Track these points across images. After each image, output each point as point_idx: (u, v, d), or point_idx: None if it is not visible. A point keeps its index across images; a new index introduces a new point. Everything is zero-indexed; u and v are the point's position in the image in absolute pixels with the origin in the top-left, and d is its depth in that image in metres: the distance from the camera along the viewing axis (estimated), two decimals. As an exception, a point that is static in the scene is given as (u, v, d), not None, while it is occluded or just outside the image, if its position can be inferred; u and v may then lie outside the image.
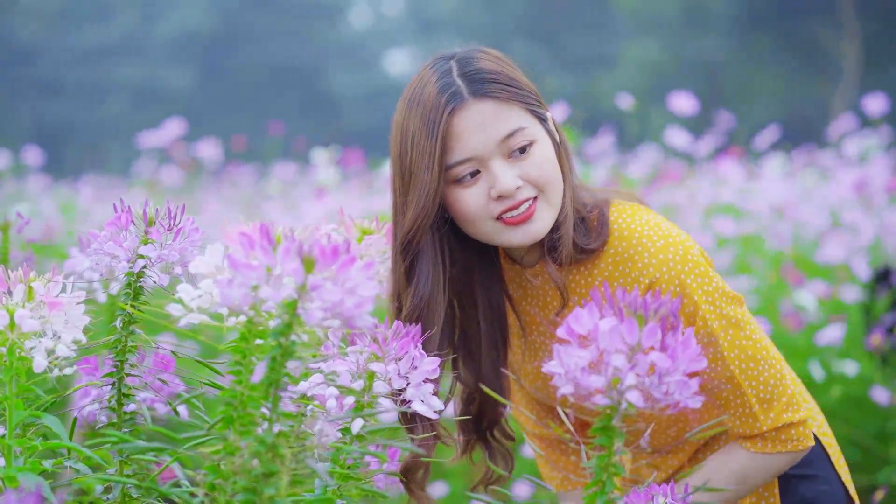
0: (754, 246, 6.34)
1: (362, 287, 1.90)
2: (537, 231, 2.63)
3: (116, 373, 2.27)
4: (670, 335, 1.97)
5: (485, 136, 2.58)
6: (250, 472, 1.90)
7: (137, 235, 2.27)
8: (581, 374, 1.97)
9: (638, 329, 1.96)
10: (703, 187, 6.52)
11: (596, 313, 2.00)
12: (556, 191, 2.64)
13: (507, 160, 2.60)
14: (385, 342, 2.24)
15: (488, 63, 2.63)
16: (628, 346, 1.96)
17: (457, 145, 2.58)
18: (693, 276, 2.60)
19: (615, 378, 1.95)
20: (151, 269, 2.27)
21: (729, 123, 7.98)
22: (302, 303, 1.88)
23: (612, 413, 1.98)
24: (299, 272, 1.87)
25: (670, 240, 2.63)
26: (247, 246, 1.91)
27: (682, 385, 1.98)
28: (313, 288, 1.87)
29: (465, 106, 2.58)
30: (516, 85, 2.63)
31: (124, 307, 2.25)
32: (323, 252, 1.88)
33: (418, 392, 2.23)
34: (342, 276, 1.89)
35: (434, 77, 2.62)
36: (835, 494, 2.84)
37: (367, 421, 2.22)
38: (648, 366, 1.95)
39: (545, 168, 2.61)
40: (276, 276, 1.88)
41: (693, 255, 2.62)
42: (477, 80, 2.59)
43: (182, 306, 2.07)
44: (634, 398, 1.94)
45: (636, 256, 2.63)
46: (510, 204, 2.59)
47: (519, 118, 2.61)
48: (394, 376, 2.22)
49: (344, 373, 2.23)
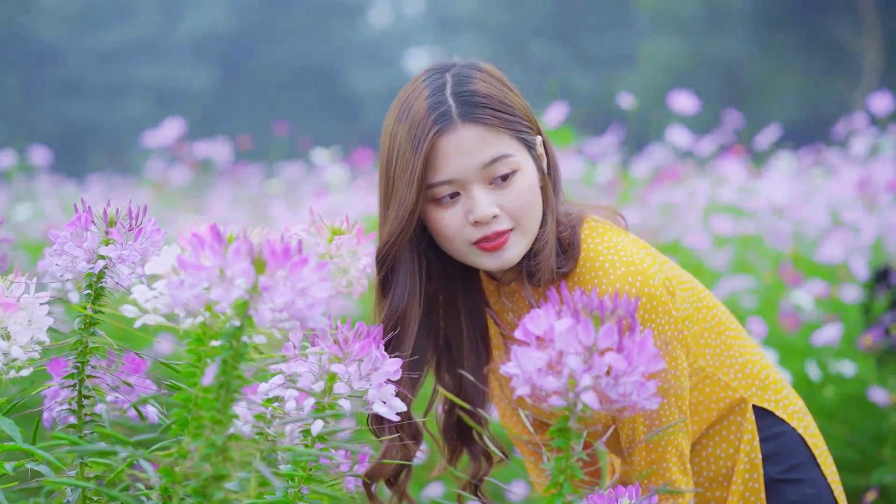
0: (753, 246, 6.31)
1: (315, 288, 1.89)
2: (509, 258, 2.62)
3: (77, 374, 2.26)
4: (627, 336, 1.96)
5: (468, 162, 2.56)
6: (200, 475, 1.89)
7: (98, 236, 2.26)
8: (537, 376, 1.95)
9: (594, 330, 1.95)
10: (702, 186, 6.49)
11: (553, 314, 1.99)
12: (534, 220, 2.63)
13: (488, 186, 2.58)
14: (346, 343, 2.23)
15: (483, 85, 2.61)
16: (584, 347, 1.94)
17: (439, 166, 2.57)
18: (644, 310, 2.58)
19: (571, 379, 1.94)
20: (112, 270, 2.25)
21: (737, 122, 7.94)
22: (253, 304, 1.87)
23: (569, 415, 1.97)
24: (249, 273, 1.86)
25: (632, 268, 2.59)
26: (197, 247, 1.90)
27: (639, 386, 1.96)
28: (264, 289, 1.86)
29: (453, 128, 2.56)
30: (508, 111, 2.60)
31: (83, 308, 2.24)
32: (274, 253, 1.87)
33: (380, 393, 2.22)
34: (294, 277, 1.87)
35: (427, 91, 2.61)
36: (822, 498, 2.82)
37: (328, 423, 2.21)
38: (605, 367, 1.93)
39: (525, 198, 2.59)
40: (227, 277, 1.87)
41: (651, 288, 2.59)
42: (468, 104, 2.57)
43: (137, 307, 2.05)
44: (590, 399, 1.92)
45: (595, 281, 2.60)
46: (486, 233, 2.58)
47: (505, 146, 2.58)
48: (354, 377, 2.20)
49: (305, 374, 2.21)
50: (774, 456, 2.79)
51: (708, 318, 2.79)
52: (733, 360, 2.79)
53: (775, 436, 2.80)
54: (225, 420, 1.91)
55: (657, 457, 2.64)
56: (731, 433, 2.79)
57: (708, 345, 2.77)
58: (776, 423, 2.80)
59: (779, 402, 2.82)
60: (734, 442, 2.78)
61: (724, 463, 2.79)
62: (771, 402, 2.81)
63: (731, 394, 2.78)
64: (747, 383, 2.79)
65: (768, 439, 2.79)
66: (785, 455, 2.80)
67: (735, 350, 2.80)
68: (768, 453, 2.79)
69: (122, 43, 33.55)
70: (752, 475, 2.77)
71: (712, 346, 2.77)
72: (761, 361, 2.84)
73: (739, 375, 2.79)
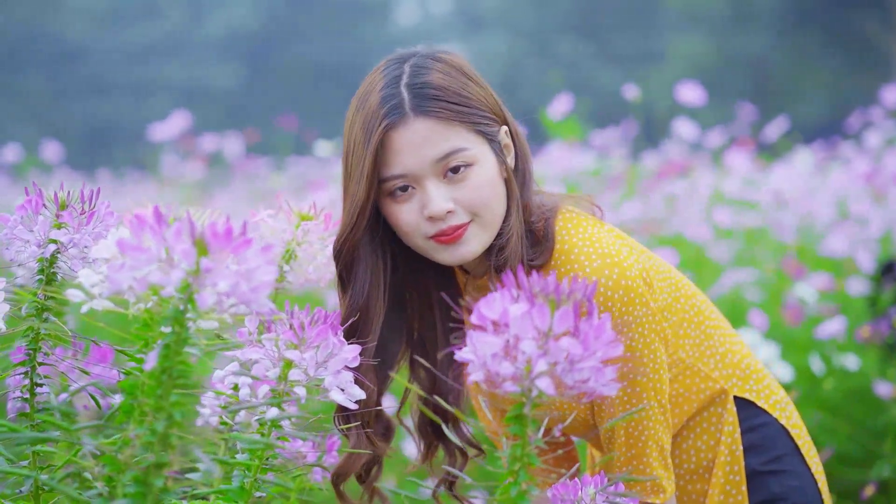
0: (758, 238, 6.23)
1: (260, 271, 1.84)
2: (467, 252, 2.55)
3: (28, 361, 2.21)
4: (584, 321, 1.90)
5: (420, 156, 2.49)
6: (141, 464, 1.84)
7: (49, 220, 2.22)
8: (492, 361, 1.90)
9: (549, 314, 1.89)
10: (704, 179, 6.41)
11: (508, 298, 1.94)
12: (493, 213, 2.54)
13: (443, 180, 2.50)
14: (302, 329, 2.17)
15: (438, 77, 2.53)
16: (539, 331, 1.89)
17: (392, 160, 2.50)
18: (620, 303, 2.51)
19: (527, 365, 1.88)
20: (64, 255, 2.21)
21: (751, 116, 7.86)
22: (195, 287, 1.82)
23: (525, 401, 1.92)
24: (191, 255, 1.81)
25: (608, 260, 2.52)
26: (138, 228, 1.85)
27: (596, 372, 1.90)
28: (206, 271, 1.81)
29: (404, 122, 2.49)
30: (464, 102, 2.52)
31: (33, 294, 2.19)
32: (216, 234, 1.82)
33: (336, 380, 2.17)
34: (237, 260, 1.83)
35: (382, 82, 2.54)
36: (805, 490, 2.75)
37: (284, 410, 2.16)
38: (563, 353, 1.88)
39: (481, 192, 2.51)
40: (168, 260, 1.82)
41: (628, 280, 2.52)
42: (421, 96, 2.49)
43: (83, 292, 2.01)
44: (545, 385, 1.86)
45: (571, 273, 2.53)
46: (441, 228, 2.51)
47: (459, 139, 2.50)
48: (311, 364, 2.15)
49: (261, 360, 2.16)
50: (756, 447, 2.73)
51: (686, 307, 2.72)
52: (713, 351, 2.73)
53: (757, 427, 2.73)
54: (167, 407, 1.86)
55: (637, 451, 2.58)
56: (712, 425, 2.72)
57: (687, 335, 2.70)
58: (758, 414, 2.74)
59: (760, 392, 2.76)
60: (714, 434, 2.72)
61: (705, 455, 2.72)
62: (752, 393, 2.75)
63: (712, 385, 2.71)
64: (728, 373, 2.73)
65: (750, 430, 2.73)
66: (767, 446, 2.73)
67: (715, 340, 2.74)
68: (750, 444, 2.72)
69: (149, 41, 33.63)
70: (734, 467, 2.71)
71: (692, 336, 2.71)
72: (742, 351, 2.78)
73: (720, 366, 2.72)
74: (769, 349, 4.63)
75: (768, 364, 4.61)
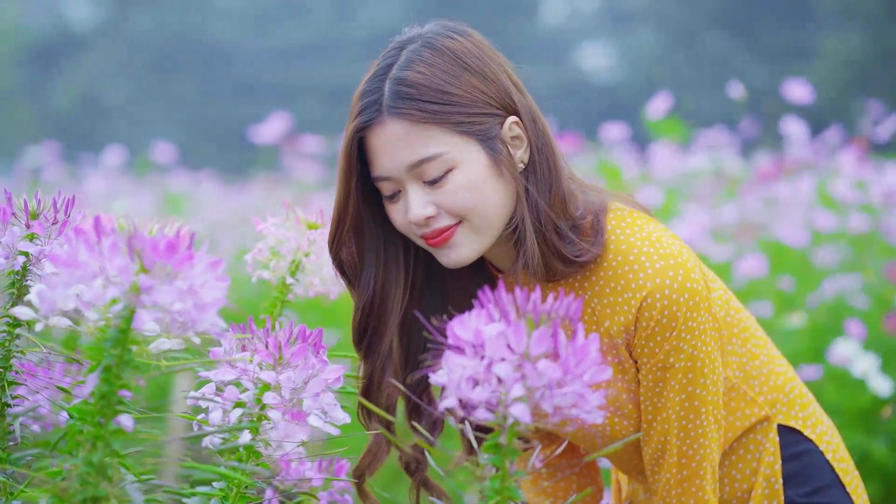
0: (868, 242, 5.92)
1: (207, 288, 1.69)
2: (460, 257, 2.36)
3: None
4: (566, 342, 1.72)
5: (395, 160, 2.31)
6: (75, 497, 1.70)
7: (20, 230, 2.10)
8: (465, 385, 1.73)
9: (526, 334, 1.71)
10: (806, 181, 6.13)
11: (483, 317, 1.76)
12: (483, 216, 2.33)
13: (423, 184, 2.32)
14: (278, 348, 2.02)
15: (419, 71, 2.32)
16: (515, 353, 1.71)
17: (374, 161, 2.33)
18: (686, 308, 2.31)
19: (501, 391, 1.71)
20: (35, 267, 2.09)
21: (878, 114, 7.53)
22: (133, 305, 1.68)
23: (500, 430, 1.74)
24: (127, 270, 1.67)
25: (671, 261, 2.32)
26: (75, 241, 1.71)
27: (579, 398, 1.72)
28: (144, 289, 1.66)
29: (379, 122, 2.31)
30: (444, 100, 2.30)
31: (5, 309, 2.07)
32: (155, 248, 1.67)
33: (315, 403, 2.01)
34: (180, 276, 1.68)
35: (373, 70, 2.37)
36: None
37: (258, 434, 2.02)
38: (543, 377, 1.70)
39: (462, 196, 2.30)
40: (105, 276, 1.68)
41: (693, 283, 2.32)
42: (396, 94, 2.30)
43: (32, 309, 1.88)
44: (519, 412, 1.69)
45: (630, 275, 2.32)
46: (426, 232, 2.33)
47: (434, 143, 2.30)
48: (287, 386, 2.00)
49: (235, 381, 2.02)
50: (797, 477, 2.49)
51: (735, 322, 2.51)
52: (758, 372, 2.50)
53: (799, 454, 2.50)
54: (106, 435, 1.72)
55: (690, 472, 2.38)
56: (750, 453, 2.50)
57: (734, 352, 2.49)
58: (800, 441, 2.50)
59: (806, 419, 2.53)
60: (751, 463, 2.50)
61: (740, 485, 2.50)
62: (798, 420, 2.52)
63: (757, 410, 2.49)
64: (772, 398, 2.50)
65: (791, 458, 2.49)
66: (808, 477, 2.50)
67: (760, 361, 2.51)
68: (790, 474, 2.49)
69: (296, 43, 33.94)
70: (772, 501, 2.49)
71: (738, 354, 2.49)
72: (787, 374, 2.54)
73: (764, 389, 2.50)
74: (867, 360, 4.38)
75: (866, 377, 4.37)
